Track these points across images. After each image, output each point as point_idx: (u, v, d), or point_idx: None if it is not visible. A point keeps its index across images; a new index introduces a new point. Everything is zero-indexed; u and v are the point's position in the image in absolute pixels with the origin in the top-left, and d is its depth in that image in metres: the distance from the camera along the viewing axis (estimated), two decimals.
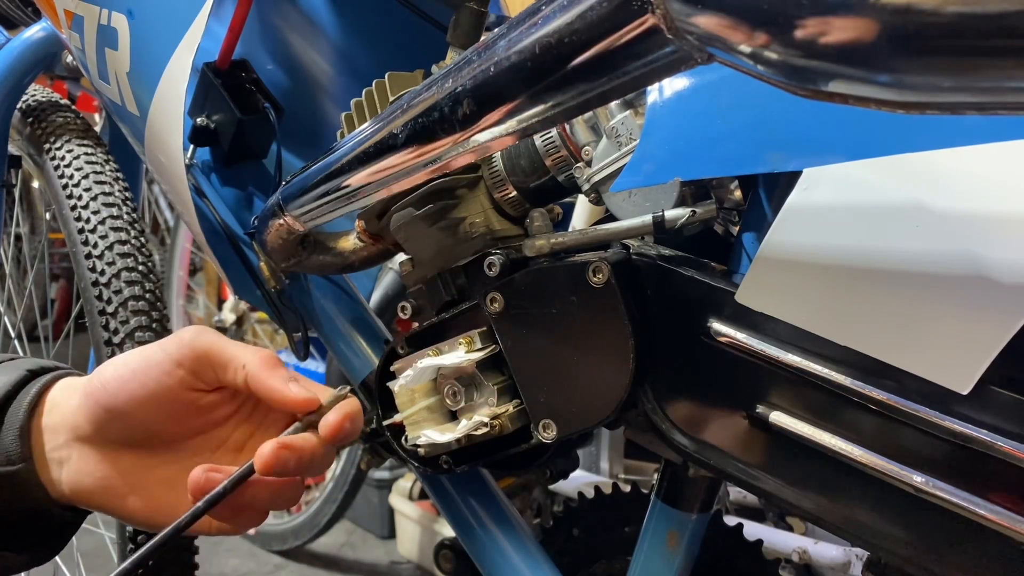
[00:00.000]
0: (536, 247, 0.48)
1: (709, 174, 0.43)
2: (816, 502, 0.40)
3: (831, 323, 0.37)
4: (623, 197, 0.47)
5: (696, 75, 0.43)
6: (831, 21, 0.21)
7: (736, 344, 0.41)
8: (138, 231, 0.86)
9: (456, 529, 0.66)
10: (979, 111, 0.22)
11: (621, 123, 0.47)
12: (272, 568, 1.77)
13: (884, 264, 0.36)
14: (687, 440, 0.45)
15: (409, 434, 0.54)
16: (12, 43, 1.01)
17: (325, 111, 0.86)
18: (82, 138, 0.93)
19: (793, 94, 0.24)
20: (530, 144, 0.51)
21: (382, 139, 0.44)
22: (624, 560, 0.68)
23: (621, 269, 0.44)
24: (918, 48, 0.20)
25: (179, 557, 0.82)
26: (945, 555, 0.36)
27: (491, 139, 0.37)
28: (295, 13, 0.84)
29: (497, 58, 0.33)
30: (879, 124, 0.36)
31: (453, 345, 0.52)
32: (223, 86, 0.74)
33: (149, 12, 0.68)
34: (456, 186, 0.53)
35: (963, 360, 0.33)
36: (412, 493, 1.67)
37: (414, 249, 0.56)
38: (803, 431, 0.39)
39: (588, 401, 0.46)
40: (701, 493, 0.56)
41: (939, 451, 0.35)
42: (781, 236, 0.39)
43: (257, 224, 0.67)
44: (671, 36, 0.26)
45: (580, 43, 0.29)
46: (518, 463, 0.56)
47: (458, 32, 0.57)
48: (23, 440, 0.43)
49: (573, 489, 1.22)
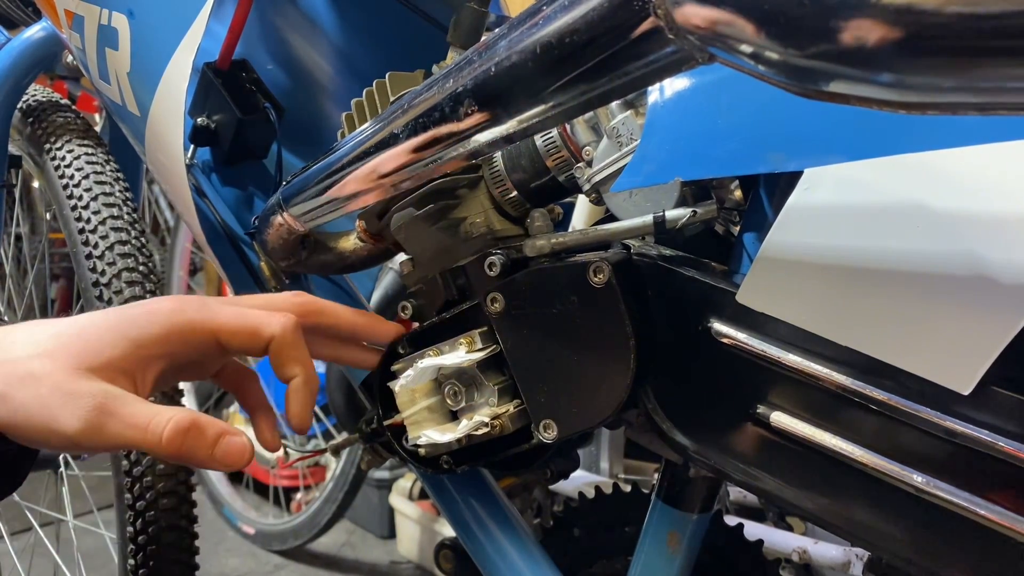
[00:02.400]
0: (537, 247, 0.48)
1: (710, 174, 0.43)
2: (816, 502, 0.40)
3: (832, 323, 0.37)
4: (624, 197, 0.47)
5: (697, 75, 0.43)
6: (832, 21, 0.21)
7: (737, 344, 0.41)
8: (138, 231, 0.86)
9: (456, 529, 0.66)
10: (980, 111, 0.22)
11: (622, 123, 0.47)
12: (272, 568, 1.78)
13: (885, 264, 0.36)
14: (688, 440, 0.45)
15: (410, 434, 0.54)
16: (12, 43, 1.01)
17: (325, 111, 0.86)
18: (82, 138, 0.93)
19: (794, 94, 0.24)
20: (531, 144, 0.51)
21: (383, 139, 0.44)
22: (624, 560, 0.68)
23: (622, 269, 0.44)
24: (919, 48, 0.20)
25: (179, 557, 0.82)
26: (945, 555, 0.36)
27: (492, 139, 0.37)
28: (295, 13, 0.84)
29: (498, 58, 0.33)
30: (880, 124, 0.36)
31: (453, 345, 0.52)
32: (223, 86, 0.74)
33: (149, 12, 0.68)
34: (457, 186, 0.53)
35: (964, 360, 0.33)
36: (412, 493, 1.67)
37: (414, 249, 0.56)
38: (804, 431, 0.39)
39: (589, 401, 0.46)
40: (702, 493, 0.56)
41: (940, 451, 0.35)
42: (782, 236, 0.39)
43: (257, 224, 0.67)
44: (672, 36, 0.26)
45: (581, 43, 0.29)
46: (519, 463, 0.56)
47: (458, 32, 0.57)
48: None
49: (573, 489, 1.22)
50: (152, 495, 0.80)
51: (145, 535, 0.79)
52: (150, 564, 0.80)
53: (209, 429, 0.40)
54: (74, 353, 0.39)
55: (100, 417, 0.38)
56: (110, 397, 0.38)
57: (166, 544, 0.81)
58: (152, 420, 0.38)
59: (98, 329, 0.41)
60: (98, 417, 0.38)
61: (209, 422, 0.40)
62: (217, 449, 0.39)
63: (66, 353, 0.39)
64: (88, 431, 0.37)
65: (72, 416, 0.37)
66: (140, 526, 0.79)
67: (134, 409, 0.39)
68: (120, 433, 0.38)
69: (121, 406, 0.38)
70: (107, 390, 0.39)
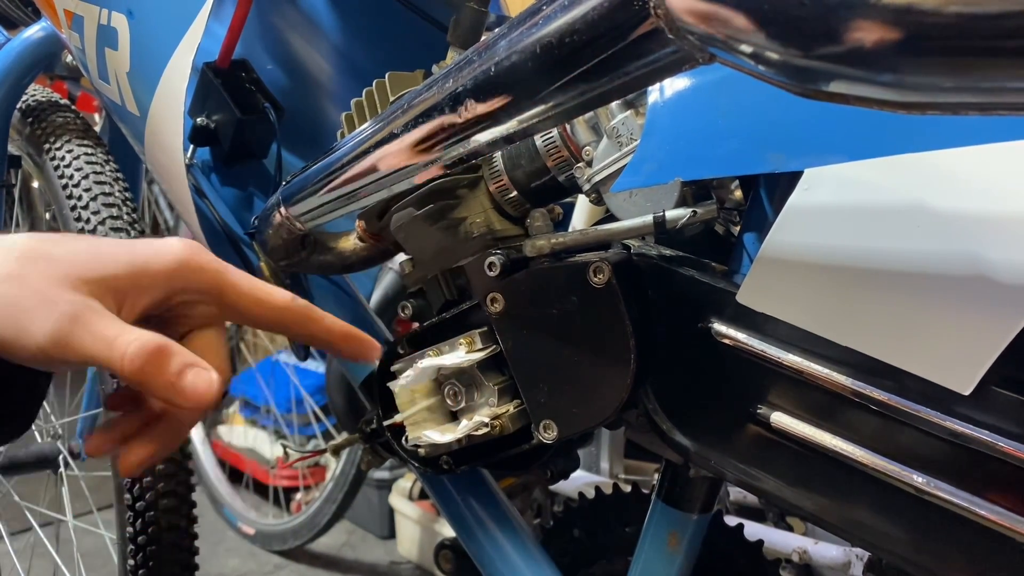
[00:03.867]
0: (537, 247, 0.48)
1: (710, 174, 0.43)
2: (816, 502, 0.40)
3: (832, 324, 0.37)
4: (624, 197, 0.47)
5: (697, 75, 0.43)
6: (832, 21, 0.21)
7: (737, 345, 0.41)
8: (138, 231, 0.86)
9: (456, 529, 0.66)
10: (980, 111, 0.22)
11: (622, 123, 0.47)
12: (272, 568, 1.77)
13: (885, 264, 0.36)
14: (688, 440, 0.45)
15: (410, 435, 0.54)
16: (12, 43, 1.01)
17: (325, 111, 0.86)
18: (82, 138, 0.93)
19: (794, 94, 0.24)
20: (531, 144, 0.51)
21: (382, 139, 0.44)
22: (624, 560, 0.68)
23: (622, 269, 0.44)
24: (919, 48, 0.20)
25: (179, 557, 0.82)
26: (945, 555, 0.36)
27: (491, 139, 0.37)
28: (295, 13, 0.84)
29: (497, 58, 0.33)
30: (880, 124, 0.36)
31: (453, 345, 0.52)
32: (223, 86, 0.74)
33: (149, 12, 0.68)
34: (456, 186, 0.52)
35: (965, 361, 0.33)
36: (412, 493, 1.67)
37: (414, 249, 0.56)
38: (804, 431, 0.39)
39: (589, 401, 0.46)
40: (702, 493, 0.56)
41: (940, 451, 0.35)
42: (782, 236, 0.39)
43: (257, 224, 0.67)
44: (672, 36, 0.26)
45: (581, 43, 0.29)
46: (519, 463, 0.56)
47: (458, 32, 0.57)
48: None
49: (573, 489, 1.22)
50: (152, 495, 0.80)
51: (145, 535, 0.79)
52: (150, 564, 0.80)
53: (176, 357, 0.38)
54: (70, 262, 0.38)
55: (71, 326, 0.36)
56: (87, 308, 0.37)
57: (166, 544, 0.81)
58: (120, 336, 0.37)
59: (110, 246, 0.40)
60: (69, 325, 0.36)
61: (178, 350, 0.38)
62: (181, 379, 0.37)
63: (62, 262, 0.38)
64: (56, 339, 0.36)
65: (44, 321, 0.36)
66: (140, 526, 0.80)
67: (106, 323, 0.37)
68: (86, 345, 0.36)
69: (95, 319, 0.37)
70: (87, 302, 0.37)
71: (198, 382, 0.38)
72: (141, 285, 0.40)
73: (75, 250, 0.39)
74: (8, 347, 0.37)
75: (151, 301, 0.40)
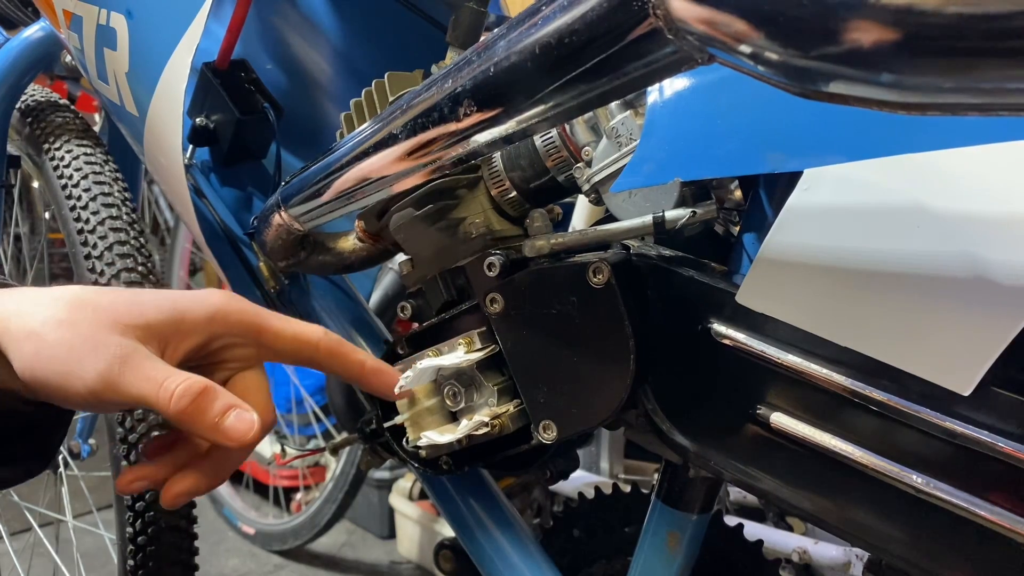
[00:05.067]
0: (536, 247, 0.48)
1: (709, 174, 0.43)
2: (816, 502, 0.40)
3: (832, 324, 0.37)
4: (623, 197, 0.47)
5: (696, 75, 0.42)
6: (832, 21, 0.21)
7: (737, 345, 0.41)
8: (138, 231, 0.86)
9: (456, 529, 0.66)
10: (980, 112, 0.22)
11: (621, 123, 0.47)
12: (272, 568, 1.77)
13: (885, 265, 0.36)
14: (687, 441, 0.45)
15: (410, 435, 0.54)
16: (11, 43, 1.01)
17: (325, 111, 0.86)
18: (81, 138, 0.93)
19: (793, 94, 0.24)
20: (530, 144, 0.51)
21: (382, 139, 0.44)
22: (624, 560, 0.68)
23: (621, 270, 0.44)
24: (919, 49, 0.20)
25: (179, 557, 0.82)
26: (945, 556, 0.36)
27: (491, 139, 0.37)
28: (295, 13, 0.84)
29: (497, 58, 0.33)
30: (880, 125, 0.36)
31: (453, 346, 0.52)
32: (222, 86, 0.74)
33: (148, 12, 0.68)
34: (456, 186, 0.52)
35: (964, 361, 0.33)
36: (412, 493, 1.67)
37: (414, 249, 0.56)
38: (804, 432, 0.39)
39: (588, 402, 0.46)
40: (701, 494, 0.56)
41: (940, 452, 0.35)
42: (782, 237, 0.39)
43: (257, 224, 0.67)
44: (671, 36, 0.26)
45: (580, 44, 0.29)
46: (518, 464, 0.56)
47: (458, 32, 0.57)
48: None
49: (573, 489, 1.22)
50: (152, 495, 0.80)
51: (145, 535, 0.79)
52: (150, 564, 0.80)
53: (220, 398, 0.40)
54: (117, 310, 0.40)
55: (120, 367, 0.38)
56: (135, 351, 0.39)
57: (166, 544, 0.81)
58: (168, 379, 0.39)
59: (151, 296, 0.42)
60: (119, 367, 0.38)
61: (222, 392, 0.40)
62: (223, 419, 0.40)
63: (109, 309, 0.40)
64: (107, 380, 0.38)
65: (95, 362, 0.38)
66: (140, 526, 0.79)
67: (154, 366, 0.39)
68: (135, 386, 0.38)
69: (143, 361, 0.39)
70: (135, 346, 0.39)
71: (239, 423, 0.40)
72: (183, 330, 0.42)
73: (120, 299, 0.41)
74: (59, 387, 0.39)
75: (192, 345, 0.43)
